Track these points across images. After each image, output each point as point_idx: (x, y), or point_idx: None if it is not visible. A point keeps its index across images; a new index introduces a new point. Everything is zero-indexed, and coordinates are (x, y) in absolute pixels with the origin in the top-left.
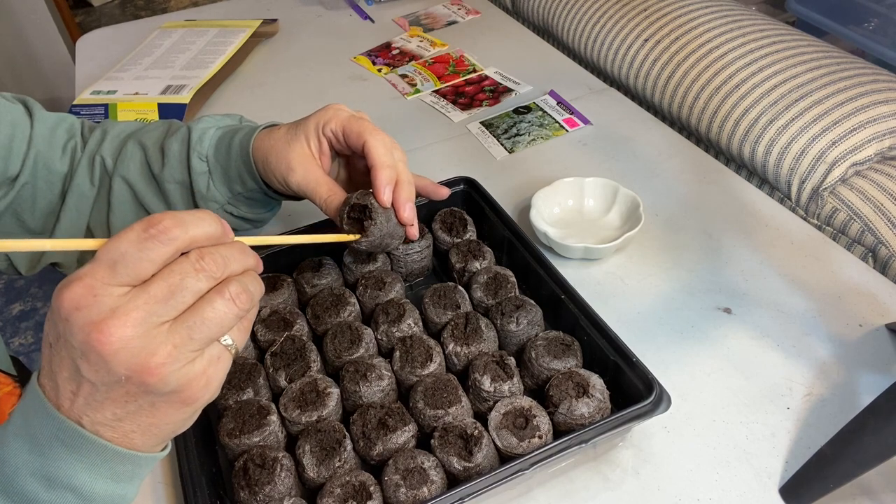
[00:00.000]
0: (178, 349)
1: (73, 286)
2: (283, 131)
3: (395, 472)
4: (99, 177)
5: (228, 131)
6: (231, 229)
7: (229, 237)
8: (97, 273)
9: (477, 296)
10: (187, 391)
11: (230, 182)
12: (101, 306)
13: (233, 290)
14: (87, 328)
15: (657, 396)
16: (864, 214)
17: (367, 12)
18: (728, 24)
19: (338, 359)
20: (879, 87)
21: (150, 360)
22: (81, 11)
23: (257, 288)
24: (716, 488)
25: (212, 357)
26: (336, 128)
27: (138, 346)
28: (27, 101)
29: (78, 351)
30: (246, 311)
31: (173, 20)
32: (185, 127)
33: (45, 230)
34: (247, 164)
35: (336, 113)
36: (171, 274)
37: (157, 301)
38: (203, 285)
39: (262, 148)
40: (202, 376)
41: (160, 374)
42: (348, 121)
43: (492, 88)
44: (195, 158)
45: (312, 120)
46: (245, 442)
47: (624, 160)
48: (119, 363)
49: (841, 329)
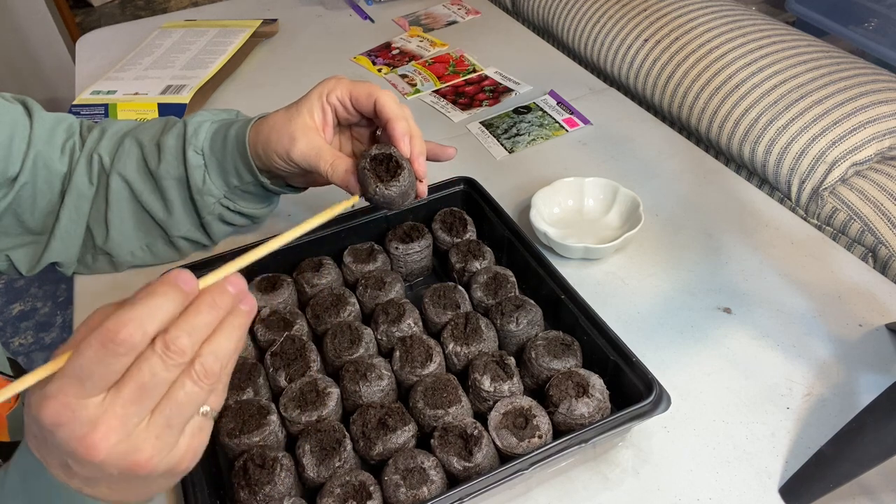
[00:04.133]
0: (161, 439)
1: (50, 404)
2: (283, 111)
3: (394, 471)
4: (97, 175)
5: (224, 124)
6: (194, 277)
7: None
8: (68, 390)
9: (477, 296)
10: (177, 467)
11: (226, 175)
12: (82, 420)
13: (198, 369)
14: (73, 443)
15: (657, 396)
16: (864, 214)
17: (367, 12)
18: (728, 24)
19: (338, 359)
20: (879, 87)
21: (138, 457)
22: (81, 11)
23: (230, 344)
24: (715, 488)
25: (193, 431)
26: (342, 94)
27: (124, 449)
28: (26, 101)
29: (68, 455)
30: (217, 381)
31: (173, 20)
32: (181, 122)
33: (44, 229)
34: (243, 155)
35: (338, 81)
36: (140, 373)
37: (132, 403)
38: (174, 374)
39: (262, 132)
40: (188, 452)
41: (150, 466)
42: (353, 85)
43: (492, 88)
44: (191, 152)
45: (314, 92)
46: (245, 442)
47: (624, 160)
48: (109, 466)
49: (841, 329)
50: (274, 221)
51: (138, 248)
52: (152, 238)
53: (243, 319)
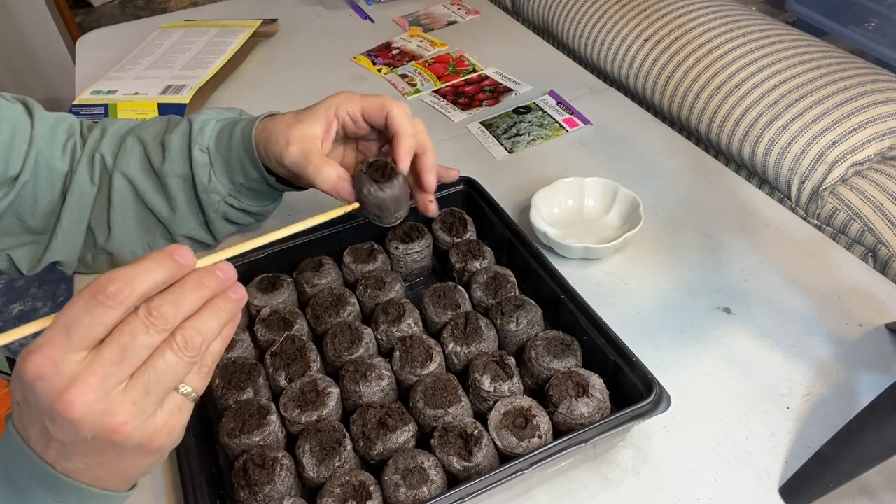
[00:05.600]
0: (137, 405)
1: (35, 356)
2: (290, 115)
3: (394, 471)
4: (99, 174)
5: (229, 123)
6: (192, 254)
7: (186, 268)
8: (54, 340)
9: (477, 296)
10: (152, 443)
11: (231, 173)
12: (62, 375)
13: (179, 340)
14: (52, 397)
15: (657, 396)
16: (864, 214)
17: (367, 12)
18: (728, 24)
19: (338, 359)
20: (879, 87)
21: (113, 420)
22: (81, 11)
23: (214, 323)
24: (715, 488)
25: (172, 409)
26: (353, 109)
27: (100, 410)
28: (27, 100)
29: (46, 415)
30: (198, 355)
31: (173, 20)
32: (185, 121)
33: (46, 229)
34: (249, 153)
35: (349, 97)
36: (122, 335)
37: (112, 363)
38: (155, 339)
39: (266, 130)
40: (164, 427)
41: (124, 431)
42: (365, 99)
43: (492, 88)
44: (196, 150)
45: (322, 104)
46: (245, 442)
47: (624, 160)
48: (84, 427)
49: (841, 329)
50: (274, 222)
51: (140, 247)
52: (154, 237)
53: (231, 305)
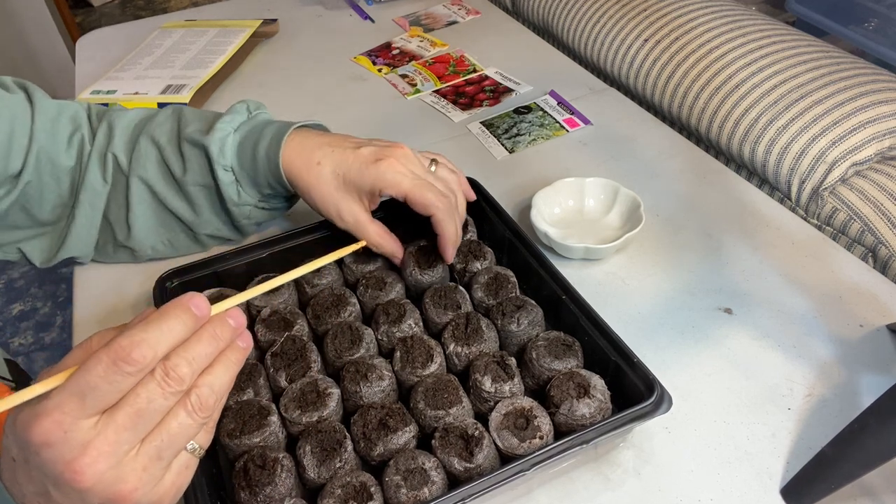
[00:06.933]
0: (148, 471)
1: (43, 420)
2: (329, 173)
3: (395, 472)
4: (112, 173)
5: (248, 135)
6: (207, 303)
7: (203, 319)
8: (66, 407)
9: (477, 296)
10: None
11: (259, 186)
12: (72, 442)
13: (194, 400)
14: (60, 466)
15: (658, 397)
16: (864, 214)
17: (367, 12)
18: (728, 24)
19: (338, 359)
20: (879, 87)
21: (123, 487)
22: (81, 11)
23: (227, 378)
24: (717, 489)
25: (180, 468)
26: (397, 195)
27: (111, 478)
28: (28, 87)
29: (50, 480)
30: (211, 415)
31: (173, 20)
32: (201, 141)
33: (56, 220)
34: (276, 175)
35: (399, 183)
36: (138, 399)
37: (126, 428)
38: (170, 402)
39: (298, 174)
40: (172, 488)
41: (133, 499)
42: (411, 190)
43: (492, 88)
44: (220, 170)
45: (369, 179)
46: (245, 442)
47: (624, 160)
48: (94, 495)
49: (841, 329)
50: (276, 223)
51: (160, 242)
52: (175, 233)
53: (240, 356)
